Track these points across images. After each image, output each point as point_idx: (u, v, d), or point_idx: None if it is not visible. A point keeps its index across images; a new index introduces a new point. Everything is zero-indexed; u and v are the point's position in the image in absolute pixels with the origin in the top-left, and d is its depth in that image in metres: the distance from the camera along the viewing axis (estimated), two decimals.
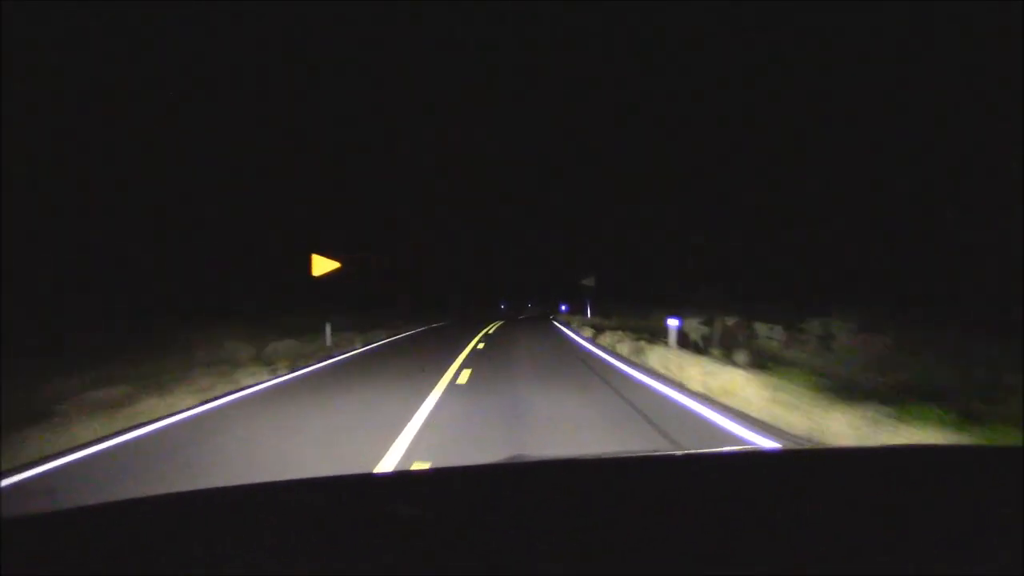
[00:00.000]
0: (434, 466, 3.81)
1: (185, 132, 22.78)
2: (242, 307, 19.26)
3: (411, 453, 4.33)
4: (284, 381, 8.64)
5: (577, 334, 17.91)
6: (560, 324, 25.12)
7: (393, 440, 4.68)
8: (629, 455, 1.43)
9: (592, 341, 14.71)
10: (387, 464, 4.10)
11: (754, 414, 5.37)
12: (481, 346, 14.13)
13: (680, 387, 7.13)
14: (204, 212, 22.37)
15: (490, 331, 20.67)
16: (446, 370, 9.24)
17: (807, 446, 4.07)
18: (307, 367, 10.25)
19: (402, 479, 1.49)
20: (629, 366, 9.49)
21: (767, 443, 4.47)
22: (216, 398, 7.05)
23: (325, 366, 10.63)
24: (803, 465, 1.18)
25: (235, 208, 23.79)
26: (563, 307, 35.96)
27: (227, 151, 25.46)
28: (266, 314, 18.64)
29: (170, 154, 21.53)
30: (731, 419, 5.23)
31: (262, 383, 8.36)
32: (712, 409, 5.70)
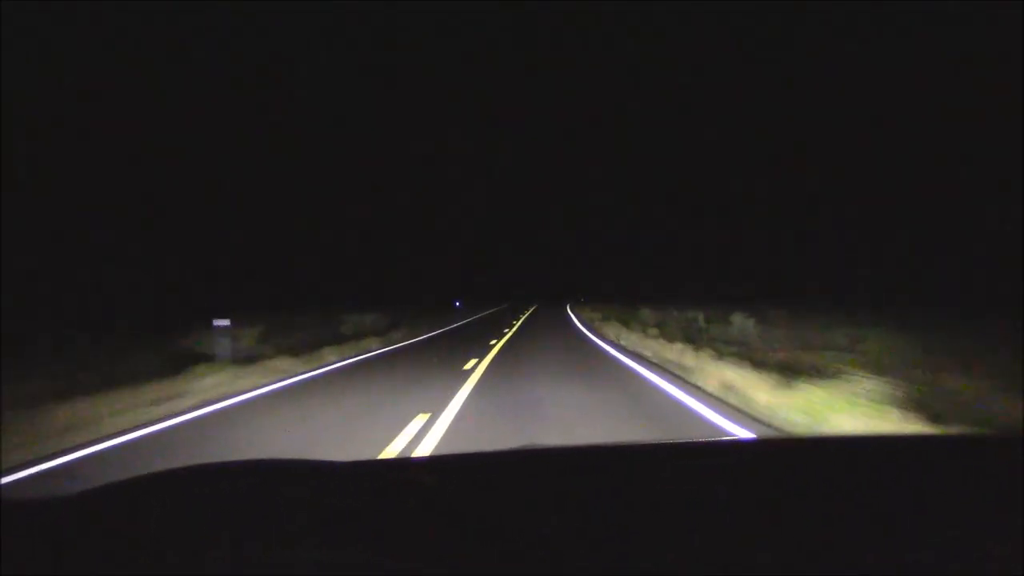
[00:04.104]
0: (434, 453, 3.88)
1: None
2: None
3: None
4: None
5: None
6: None
7: None
8: (608, 445, 1.40)
9: None
10: None
11: None
12: None
13: None
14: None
15: None
16: None
17: (796, 436, 4.08)
18: None
19: (403, 465, 1.47)
20: None
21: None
22: None
23: None
24: (796, 456, 1.19)
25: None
26: None
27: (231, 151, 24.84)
28: None
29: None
30: None
31: None
32: None
